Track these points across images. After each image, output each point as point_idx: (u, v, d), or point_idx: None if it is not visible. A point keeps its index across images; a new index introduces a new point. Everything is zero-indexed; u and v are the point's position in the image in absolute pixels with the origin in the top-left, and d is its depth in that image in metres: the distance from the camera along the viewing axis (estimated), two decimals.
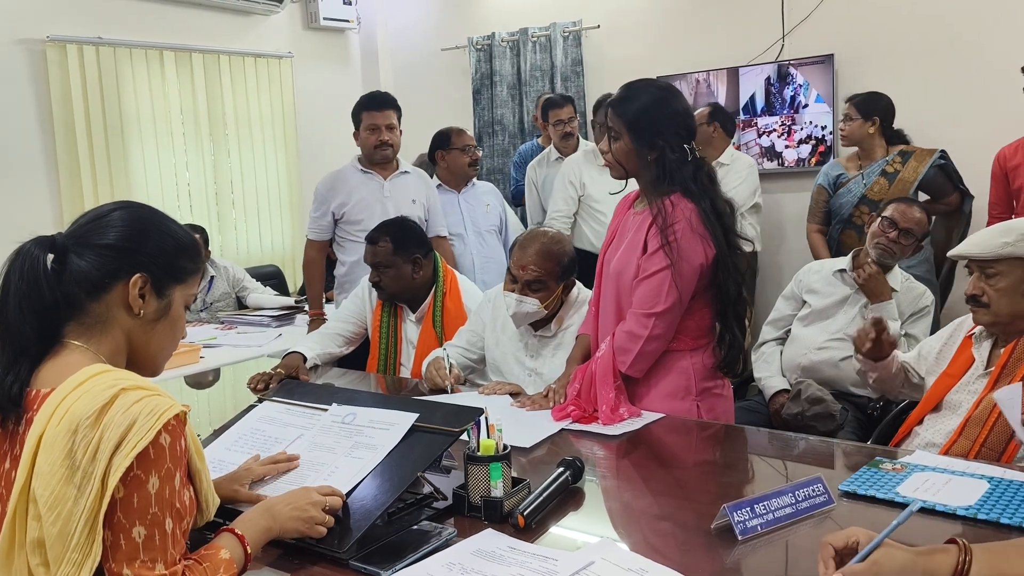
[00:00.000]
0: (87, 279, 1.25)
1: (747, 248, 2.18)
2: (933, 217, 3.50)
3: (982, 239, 1.99)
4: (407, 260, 2.87)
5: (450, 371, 2.46)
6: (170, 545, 1.16)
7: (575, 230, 4.25)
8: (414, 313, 2.97)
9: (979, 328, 2.05)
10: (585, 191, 4.19)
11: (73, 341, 1.25)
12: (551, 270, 2.44)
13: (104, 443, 1.11)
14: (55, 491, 1.10)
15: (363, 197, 3.65)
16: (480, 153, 4.33)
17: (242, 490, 1.53)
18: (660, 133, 2.09)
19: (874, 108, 3.83)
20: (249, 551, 1.29)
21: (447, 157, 4.18)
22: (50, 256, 1.25)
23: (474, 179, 4.30)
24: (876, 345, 2.24)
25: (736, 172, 4.28)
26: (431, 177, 4.15)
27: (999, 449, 1.85)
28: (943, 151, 3.81)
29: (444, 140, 4.20)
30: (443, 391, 2.43)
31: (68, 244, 1.26)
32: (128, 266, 1.27)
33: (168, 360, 1.39)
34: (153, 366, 1.36)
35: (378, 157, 3.67)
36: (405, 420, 1.63)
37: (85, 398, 1.14)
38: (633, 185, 2.25)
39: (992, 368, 1.98)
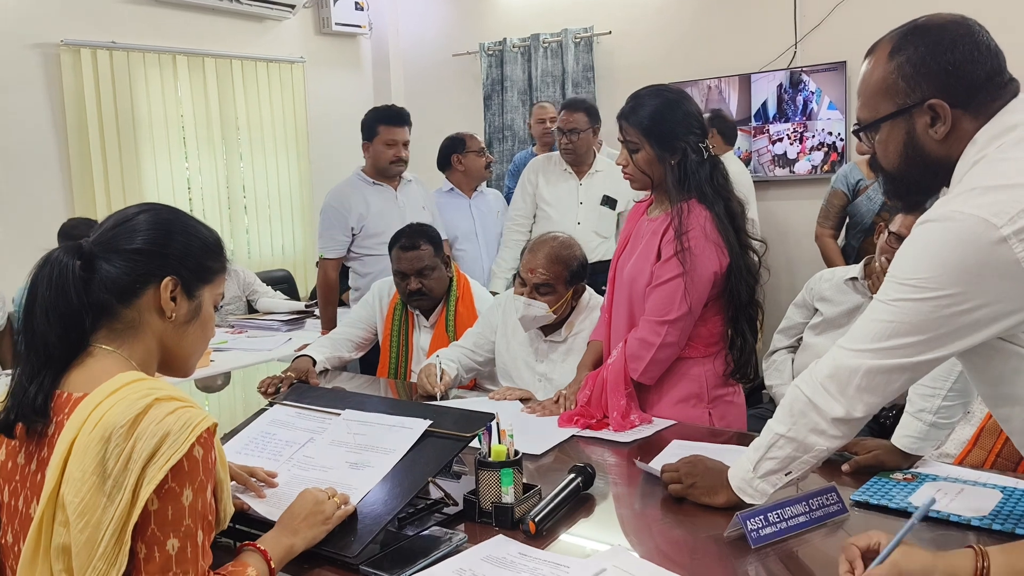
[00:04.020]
0: (117, 285, 1.25)
1: (759, 248, 2.17)
2: None
3: None
4: (443, 260, 2.90)
5: (440, 378, 2.46)
6: (200, 557, 1.16)
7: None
8: (428, 319, 2.96)
9: None
10: (537, 190, 4.10)
11: (104, 346, 1.25)
12: (560, 274, 2.44)
13: (136, 453, 1.11)
14: (85, 499, 1.10)
15: (380, 209, 3.65)
16: (493, 157, 4.38)
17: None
18: (678, 136, 2.09)
19: None
20: (273, 567, 1.29)
21: (464, 160, 4.20)
22: (77, 263, 1.24)
23: (483, 185, 4.33)
24: None
25: None
26: (447, 180, 4.20)
27: (1015, 459, 1.83)
28: None
29: (460, 144, 4.23)
30: (433, 397, 2.42)
31: (96, 251, 1.25)
32: (158, 269, 1.27)
33: (200, 360, 1.39)
34: (185, 367, 1.36)
35: (392, 172, 3.69)
36: (418, 426, 1.63)
37: (119, 406, 1.14)
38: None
39: None
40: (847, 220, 4.14)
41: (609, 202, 4.01)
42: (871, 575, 1.06)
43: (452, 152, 4.24)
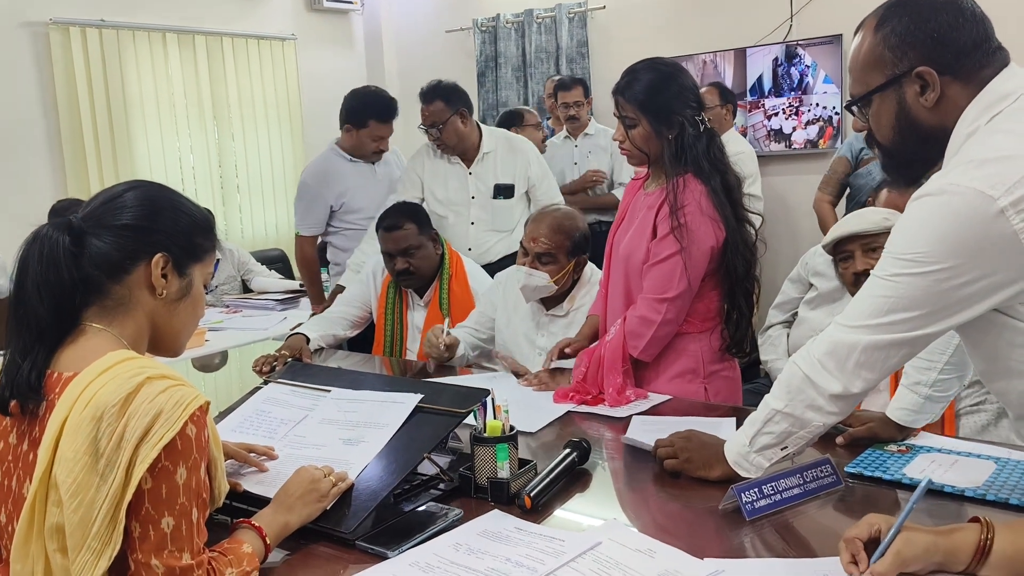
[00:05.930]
0: (108, 261, 1.23)
1: (756, 222, 2.16)
2: None
3: (861, 218, 2.23)
4: (429, 238, 2.90)
5: (445, 337, 2.49)
6: (195, 534, 1.16)
7: None
8: (421, 298, 2.96)
9: None
10: (424, 179, 3.52)
11: (94, 324, 1.23)
12: (561, 244, 2.44)
13: (129, 432, 1.11)
14: (78, 478, 1.10)
15: (360, 185, 3.65)
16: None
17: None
18: (675, 109, 2.08)
19: None
20: (268, 543, 1.29)
21: (523, 134, 4.09)
22: (67, 239, 1.22)
23: None
24: None
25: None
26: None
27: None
28: None
29: (518, 118, 4.52)
30: (441, 359, 2.49)
31: (85, 227, 1.24)
32: (148, 246, 1.25)
33: (189, 339, 1.38)
34: (175, 346, 1.35)
35: (372, 159, 3.69)
36: (410, 400, 1.63)
37: (111, 385, 1.13)
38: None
39: None
40: (847, 192, 4.13)
41: (503, 191, 3.47)
42: (875, 572, 1.05)
43: (511, 125, 4.29)
